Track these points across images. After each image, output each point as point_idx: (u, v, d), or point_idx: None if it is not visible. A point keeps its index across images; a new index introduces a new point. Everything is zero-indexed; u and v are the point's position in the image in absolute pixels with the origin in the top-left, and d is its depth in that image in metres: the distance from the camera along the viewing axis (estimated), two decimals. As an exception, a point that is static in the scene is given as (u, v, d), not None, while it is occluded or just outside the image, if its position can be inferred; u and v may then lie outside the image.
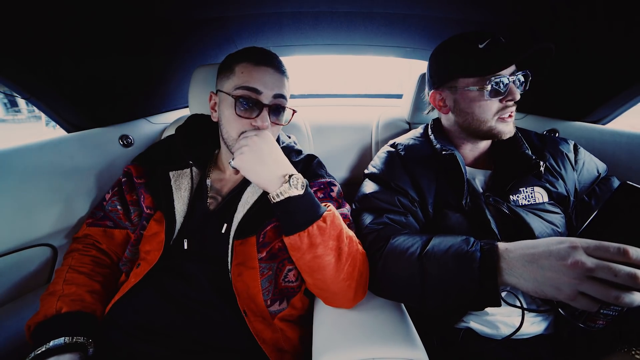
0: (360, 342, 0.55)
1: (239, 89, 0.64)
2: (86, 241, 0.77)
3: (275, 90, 0.66)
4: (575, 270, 0.41)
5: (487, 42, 0.66)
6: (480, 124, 0.70)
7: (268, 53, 0.69)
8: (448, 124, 0.80)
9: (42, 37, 0.78)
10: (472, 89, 0.68)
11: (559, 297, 0.43)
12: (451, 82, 0.72)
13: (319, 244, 0.57)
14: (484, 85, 0.66)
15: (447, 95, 0.74)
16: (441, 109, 0.78)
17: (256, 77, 0.65)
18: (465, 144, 0.78)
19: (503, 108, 0.68)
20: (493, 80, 0.65)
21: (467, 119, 0.72)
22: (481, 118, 0.69)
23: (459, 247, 0.54)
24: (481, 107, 0.68)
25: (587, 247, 0.41)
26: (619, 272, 0.38)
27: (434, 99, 0.77)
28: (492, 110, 0.68)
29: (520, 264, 0.47)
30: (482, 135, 0.72)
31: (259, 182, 0.59)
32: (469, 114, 0.71)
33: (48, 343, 0.56)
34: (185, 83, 1.08)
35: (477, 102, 0.68)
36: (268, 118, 0.65)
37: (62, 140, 0.95)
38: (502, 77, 0.65)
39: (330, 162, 0.92)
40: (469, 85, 0.68)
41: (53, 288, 0.66)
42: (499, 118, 0.69)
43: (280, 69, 0.68)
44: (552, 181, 0.73)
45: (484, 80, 0.66)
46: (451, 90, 0.72)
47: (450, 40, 0.72)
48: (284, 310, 0.68)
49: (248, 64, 0.66)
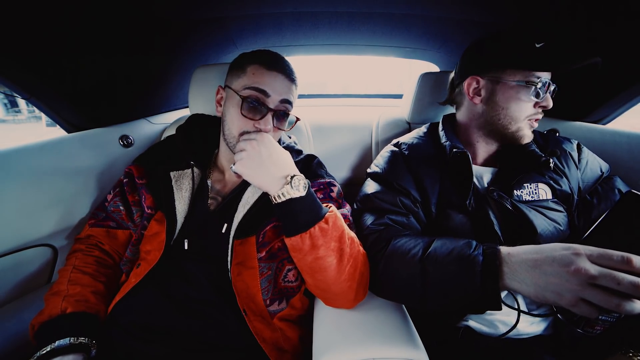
0: (360, 342, 0.55)
1: (248, 89, 0.65)
2: (89, 242, 0.77)
3: (283, 96, 0.67)
4: (577, 277, 0.41)
5: (543, 44, 0.66)
6: (510, 122, 0.70)
7: (281, 59, 0.70)
8: (469, 116, 0.77)
9: (43, 37, 0.78)
10: (520, 82, 0.67)
11: (560, 302, 0.43)
12: (496, 72, 0.70)
13: (320, 246, 0.57)
14: (534, 82, 0.66)
15: (485, 84, 0.72)
16: (472, 98, 0.74)
17: (267, 80, 0.66)
18: (479, 141, 0.77)
19: (535, 113, 0.69)
20: (539, 80, 0.65)
21: (499, 114, 0.70)
22: (514, 116, 0.69)
23: (461, 250, 0.54)
24: (518, 106, 0.68)
25: (591, 254, 0.42)
26: (622, 281, 0.38)
27: (470, 85, 0.74)
28: (527, 112, 0.69)
29: (522, 269, 0.47)
30: (505, 134, 0.71)
31: (260, 185, 0.59)
32: (504, 108, 0.69)
33: (53, 343, 0.56)
34: (186, 83, 1.08)
35: (516, 98, 0.68)
36: (271, 122, 0.66)
37: (62, 141, 0.95)
38: (546, 80, 0.66)
39: (330, 162, 0.92)
40: (516, 79, 0.67)
41: (57, 288, 0.66)
42: (529, 121, 0.69)
43: (290, 76, 0.69)
44: (557, 179, 0.73)
45: (533, 78, 0.66)
46: (492, 80, 0.70)
47: (504, 33, 0.71)
48: (283, 310, 0.68)
49: (260, 66, 0.67)
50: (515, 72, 0.68)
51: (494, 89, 0.70)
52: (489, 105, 0.71)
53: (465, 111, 0.78)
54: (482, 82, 0.72)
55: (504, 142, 0.75)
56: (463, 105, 0.79)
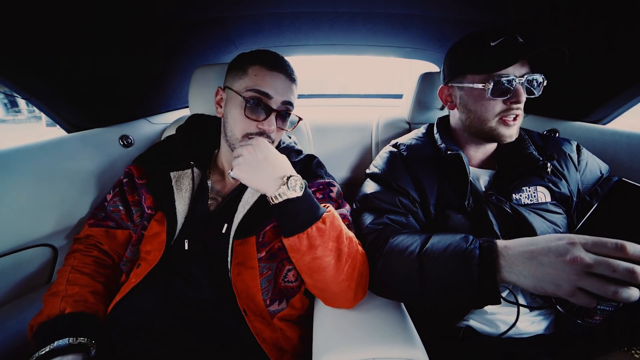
0: (360, 342, 0.55)
1: (250, 91, 0.66)
2: (88, 242, 0.77)
3: (285, 97, 0.68)
4: (574, 266, 0.41)
5: (500, 40, 0.65)
6: (481, 123, 0.70)
7: (282, 59, 0.70)
8: (454, 121, 0.80)
9: (43, 37, 0.78)
10: (476, 86, 0.68)
11: (558, 293, 0.43)
12: (459, 78, 0.72)
13: (318, 246, 0.57)
14: (487, 83, 0.66)
15: (454, 91, 0.75)
16: (448, 105, 0.78)
17: (269, 81, 0.66)
18: (470, 143, 0.78)
19: (507, 110, 0.67)
20: (496, 78, 0.65)
21: (470, 117, 0.72)
22: (482, 117, 0.69)
23: (457, 245, 0.54)
24: (483, 106, 0.68)
25: (586, 243, 0.42)
26: (617, 268, 0.38)
27: (442, 93, 0.78)
28: (495, 111, 0.68)
29: (519, 261, 0.47)
30: (483, 135, 0.72)
31: (257, 187, 0.59)
32: (472, 112, 0.71)
33: (52, 343, 0.56)
34: (186, 83, 1.08)
35: (480, 100, 0.68)
36: (275, 122, 0.67)
37: (62, 141, 0.95)
38: (507, 76, 0.64)
39: (330, 162, 0.92)
40: (474, 82, 0.68)
41: (56, 288, 0.66)
42: (501, 119, 0.68)
43: (291, 76, 0.70)
44: (555, 181, 0.73)
45: (488, 78, 0.66)
46: (458, 87, 0.73)
47: (466, 37, 0.72)
48: (283, 310, 0.68)
49: (262, 67, 0.67)
50: (474, 76, 0.69)
51: (461, 95, 0.73)
52: (461, 110, 0.74)
53: (450, 116, 0.82)
54: (451, 90, 0.76)
55: (490, 141, 0.74)
56: (449, 111, 0.82)
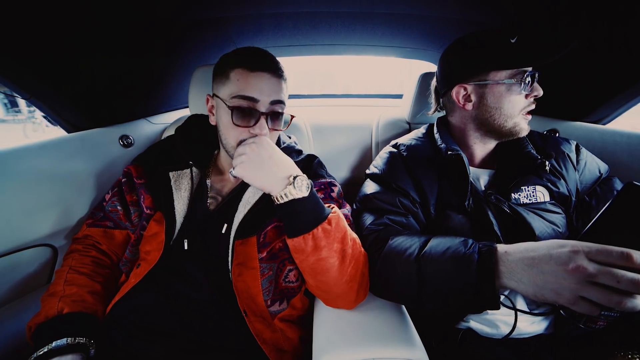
0: (360, 343, 0.55)
1: (235, 98, 0.62)
2: (86, 242, 0.77)
3: (273, 97, 0.63)
4: (576, 275, 0.40)
5: (517, 37, 0.66)
6: (506, 120, 0.70)
7: (264, 55, 0.66)
8: (461, 121, 0.77)
9: (43, 37, 0.78)
10: (507, 81, 0.67)
11: (560, 301, 0.42)
12: (481, 76, 0.70)
13: (323, 247, 0.56)
14: (522, 79, 0.66)
15: (473, 90, 0.72)
16: (464, 105, 0.74)
17: (252, 84, 0.62)
18: (477, 143, 0.77)
19: (528, 105, 0.69)
20: (526, 74, 0.66)
21: (494, 115, 0.70)
22: (509, 113, 0.69)
23: (456, 248, 0.54)
24: (510, 102, 0.68)
25: (589, 251, 0.40)
26: (621, 279, 0.37)
27: (458, 93, 0.74)
28: (520, 106, 0.69)
29: (519, 268, 0.46)
30: (503, 132, 0.72)
31: (262, 187, 0.58)
32: (497, 109, 0.70)
33: (50, 344, 0.56)
34: (186, 83, 1.08)
35: (508, 96, 0.68)
36: (266, 125, 0.63)
37: (62, 141, 0.95)
38: (532, 72, 0.66)
39: (330, 163, 0.92)
40: (502, 78, 0.68)
41: (54, 289, 0.66)
42: (524, 114, 0.70)
43: (277, 72, 0.64)
44: (554, 181, 0.73)
45: (516, 73, 0.66)
46: (479, 85, 0.71)
47: (478, 35, 0.71)
48: (284, 310, 0.68)
49: (243, 70, 0.62)
50: (499, 72, 0.68)
51: (483, 93, 0.71)
52: (481, 108, 0.72)
53: (459, 116, 0.78)
54: (470, 88, 0.72)
55: (502, 139, 0.75)
56: (455, 111, 0.79)
